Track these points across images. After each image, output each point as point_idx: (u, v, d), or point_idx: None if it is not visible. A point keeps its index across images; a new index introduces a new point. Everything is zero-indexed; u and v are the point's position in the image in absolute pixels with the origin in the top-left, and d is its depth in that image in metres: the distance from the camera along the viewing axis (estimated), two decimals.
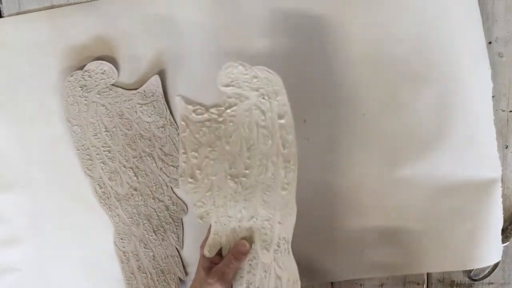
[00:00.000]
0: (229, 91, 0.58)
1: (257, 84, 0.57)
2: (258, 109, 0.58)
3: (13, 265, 0.73)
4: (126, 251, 0.71)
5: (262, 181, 0.59)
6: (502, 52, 0.67)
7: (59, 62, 0.68)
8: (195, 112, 0.59)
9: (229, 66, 0.57)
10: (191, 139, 0.59)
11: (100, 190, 0.69)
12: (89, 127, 0.68)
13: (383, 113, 0.67)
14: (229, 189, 0.59)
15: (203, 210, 0.60)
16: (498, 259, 0.70)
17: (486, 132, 0.67)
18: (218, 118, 0.59)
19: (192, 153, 0.59)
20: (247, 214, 0.60)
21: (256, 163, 0.59)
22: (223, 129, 0.59)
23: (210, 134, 0.59)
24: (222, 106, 0.59)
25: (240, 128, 0.58)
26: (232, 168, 0.59)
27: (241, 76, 0.57)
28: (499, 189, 0.68)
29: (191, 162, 0.60)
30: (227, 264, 0.59)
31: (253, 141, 0.58)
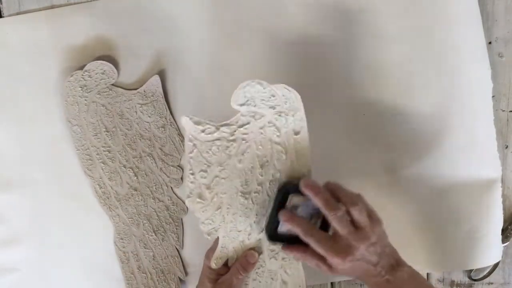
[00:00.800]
0: (244, 110, 0.56)
1: (274, 102, 0.56)
2: (273, 126, 0.57)
3: (13, 265, 0.72)
4: (126, 251, 0.71)
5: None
6: (502, 52, 0.67)
7: (59, 62, 0.68)
8: (204, 132, 0.56)
9: (247, 85, 0.55)
10: (199, 159, 0.56)
11: (100, 190, 0.69)
12: (89, 127, 0.68)
13: (383, 113, 0.67)
14: (240, 205, 0.57)
15: (211, 227, 0.58)
16: (498, 259, 0.70)
17: (486, 132, 0.67)
18: (230, 137, 0.56)
19: (201, 173, 0.56)
20: (258, 227, 0.59)
21: (269, 178, 0.57)
22: (234, 147, 0.56)
23: (220, 153, 0.56)
24: (234, 124, 0.56)
25: (253, 146, 0.56)
26: (244, 185, 0.57)
27: (257, 95, 0.56)
28: (499, 189, 0.68)
29: (199, 182, 0.57)
30: (235, 274, 0.58)
31: (267, 158, 0.57)
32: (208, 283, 0.59)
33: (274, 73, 0.67)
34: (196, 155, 0.56)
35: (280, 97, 0.56)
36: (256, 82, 0.56)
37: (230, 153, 0.56)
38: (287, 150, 0.57)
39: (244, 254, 0.58)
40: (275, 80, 0.66)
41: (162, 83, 0.68)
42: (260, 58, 0.67)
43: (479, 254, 0.69)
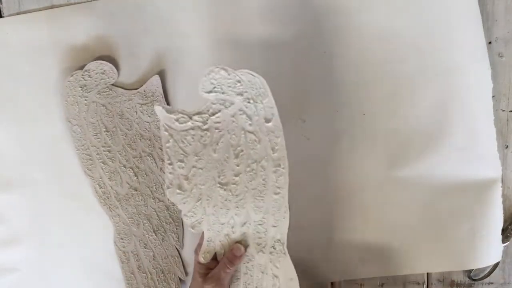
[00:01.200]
0: (213, 97, 0.56)
1: (241, 88, 0.56)
2: (244, 114, 0.56)
3: (13, 265, 0.73)
4: (126, 251, 0.71)
5: (253, 186, 0.58)
6: (502, 52, 0.67)
7: (59, 62, 0.68)
8: (178, 121, 0.56)
9: (211, 71, 0.55)
10: (175, 149, 0.57)
11: (100, 190, 0.69)
12: (89, 127, 0.68)
13: (383, 113, 0.67)
14: (219, 197, 0.58)
15: (194, 220, 0.59)
16: (498, 259, 0.70)
17: (486, 132, 0.67)
18: (203, 126, 0.57)
19: (178, 163, 0.57)
20: (240, 220, 0.59)
21: (246, 169, 0.57)
22: (208, 137, 0.57)
23: (195, 142, 0.57)
24: (206, 113, 0.56)
25: (227, 135, 0.57)
26: (221, 176, 0.58)
27: (224, 81, 0.55)
28: (499, 189, 0.68)
29: (177, 172, 0.58)
30: (222, 268, 0.59)
31: (241, 147, 0.57)
32: (198, 278, 0.60)
33: (274, 73, 0.67)
34: (173, 145, 0.57)
35: (246, 83, 0.55)
36: (221, 67, 0.55)
37: (205, 143, 0.57)
38: (261, 140, 0.57)
39: (231, 248, 0.59)
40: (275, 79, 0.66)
41: (162, 83, 0.68)
42: (260, 58, 0.67)
43: (479, 254, 0.69)
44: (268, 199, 0.58)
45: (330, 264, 0.70)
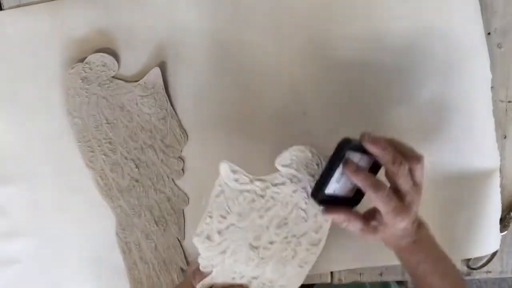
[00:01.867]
0: (284, 171, 0.55)
1: (316, 171, 0.55)
2: (305, 192, 0.56)
3: (14, 257, 0.73)
4: (128, 242, 0.72)
5: (282, 256, 0.57)
6: (501, 43, 0.68)
7: (60, 54, 0.68)
8: (237, 181, 0.54)
9: (297, 150, 0.54)
10: (222, 205, 0.54)
11: (102, 181, 0.70)
12: (90, 119, 0.68)
13: (382, 105, 0.67)
14: (244, 255, 0.56)
15: (209, 263, 0.56)
16: (496, 248, 0.70)
17: (485, 123, 0.67)
18: (260, 192, 0.55)
19: (219, 218, 0.54)
20: (253, 274, 0.58)
21: (282, 239, 0.56)
22: (261, 203, 0.55)
23: (245, 204, 0.54)
24: (269, 181, 0.55)
25: (279, 205, 0.55)
26: (256, 239, 0.56)
27: (303, 161, 0.55)
28: (498, 179, 0.68)
29: (214, 225, 0.55)
30: None
31: (287, 220, 0.56)
32: None
33: (274, 63, 0.67)
34: (221, 200, 0.54)
35: (322, 166, 0.55)
36: (308, 149, 0.55)
37: (254, 207, 0.55)
38: (308, 218, 0.57)
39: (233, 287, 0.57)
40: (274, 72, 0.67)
41: (163, 75, 0.68)
42: (261, 50, 0.67)
43: (477, 243, 0.69)
44: (290, 268, 0.58)
45: (330, 254, 0.70)
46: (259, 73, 0.67)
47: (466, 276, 0.73)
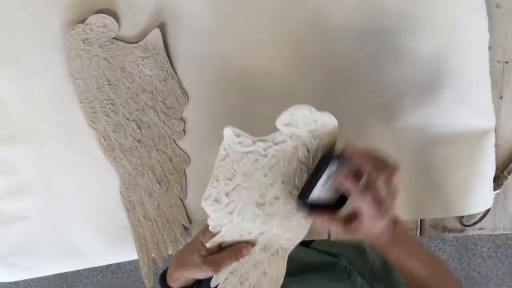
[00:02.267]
0: (285, 130, 0.56)
1: (315, 127, 0.57)
2: (305, 147, 0.58)
3: (22, 214, 0.75)
4: (132, 201, 0.73)
5: (287, 210, 0.59)
6: (500, 3, 0.67)
7: (60, 16, 0.68)
8: (240, 144, 0.56)
9: (295, 109, 0.55)
10: (227, 168, 0.56)
11: (105, 142, 0.71)
12: (92, 80, 0.69)
13: (380, 65, 0.68)
14: (251, 213, 0.59)
15: (217, 224, 0.59)
16: (489, 206, 0.72)
17: (482, 83, 0.68)
18: (263, 152, 0.56)
19: (225, 180, 0.57)
20: (260, 230, 0.60)
21: (286, 194, 0.59)
22: (264, 162, 0.57)
23: (249, 165, 0.57)
24: (270, 141, 0.56)
25: (281, 163, 0.57)
26: (261, 197, 0.58)
27: (302, 118, 0.56)
28: (493, 138, 0.70)
29: (220, 188, 0.57)
30: (225, 259, 0.60)
31: (290, 175, 0.58)
32: (197, 257, 0.61)
33: (274, 28, 0.67)
34: (226, 164, 0.56)
35: (320, 123, 0.57)
36: (307, 107, 0.56)
37: (258, 166, 0.57)
38: (309, 170, 0.58)
39: (241, 245, 0.60)
40: (273, 34, 0.67)
41: (163, 37, 0.68)
42: (261, 12, 0.67)
43: (471, 200, 0.71)
44: (295, 221, 0.60)
45: None
46: (260, 33, 0.68)
47: (459, 232, 0.75)
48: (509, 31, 0.68)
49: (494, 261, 1.66)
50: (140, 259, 0.75)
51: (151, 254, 0.75)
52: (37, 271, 0.79)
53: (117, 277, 1.74)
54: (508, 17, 0.68)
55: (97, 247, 0.76)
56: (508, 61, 0.69)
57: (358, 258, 0.83)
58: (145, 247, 0.75)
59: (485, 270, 1.66)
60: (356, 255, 0.83)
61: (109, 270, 1.75)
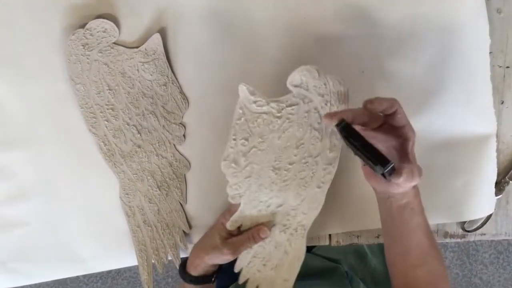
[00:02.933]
0: (296, 91, 0.59)
1: (324, 90, 0.59)
2: (317, 113, 0.60)
3: (21, 219, 0.75)
4: (132, 206, 0.73)
5: (302, 176, 0.62)
6: (501, 8, 0.67)
7: (61, 20, 0.68)
8: (255, 103, 0.59)
9: (305, 69, 0.58)
10: (244, 127, 0.60)
11: (105, 147, 0.71)
12: (92, 85, 0.69)
13: (381, 70, 0.67)
14: (268, 178, 0.62)
15: (236, 192, 0.63)
16: (491, 211, 0.72)
17: (483, 88, 0.68)
18: (277, 113, 0.60)
19: (242, 140, 0.61)
20: (278, 202, 0.63)
21: (301, 160, 0.61)
22: (278, 124, 0.60)
23: (264, 126, 0.60)
24: (284, 103, 0.59)
25: (295, 126, 0.60)
26: (277, 161, 0.61)
27: (312, 80, 0.58)
28: (494, 143, 0.69)
29: (238, 148, 0.61)
30: (244, 242, 0.63)
31: (303, 140, 0.61)
32: (218, 239, 0.64)
33: (275, 30, 0.67)
34: (242, 123, 0.60)
35: (330, 87, 0.58)
36: (315, 68, 0.58)
37: (272, 129, 0.60)
38: (323, 139, 0.60)
39: (258, 228, 0.63)
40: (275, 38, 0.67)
41: (163, 41, 0.68)
42: (261, 17, 0.67)
43: (473, 206, 0.71)
44: (310, 190, 0.62)
45: (328, 217, 0.72)
46: (261, 39, 0.67)
47: (461, 238, 0.75)
48: (510, 36, 0.68)
49: (496, 267, 1.65)
50: (140, 264, 0.75)
51: (151, 260, 0.75)
52: (37, 277, 0.78)
53: (117, 283, 1.74)
54: (509, 22, 0.68)
55: (97, 252, 0.76)
56: (509, 66, 0.69)
57: (359, 263, 0.83)
58: (145, 252, 0.74)
59: (487, 276, 1.66)
60: (358, 261, 0.83)
61: (109, 276, 1.74)
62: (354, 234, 0.75)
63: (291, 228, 0.64)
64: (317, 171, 0.62)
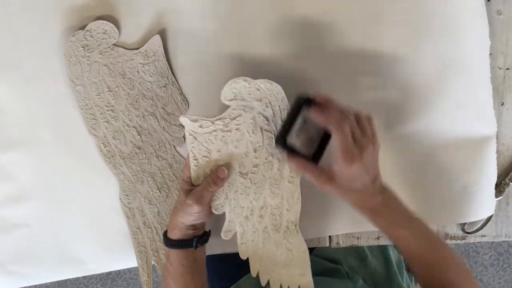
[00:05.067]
0: (234, 104, 0.62)
1: (260, 95, 0.62)
2: (262, 116, 0.62)
3: (21, 221, 0.75)
4: (132, 207, 0.73)
5: (270, 176, 0.65)
6: (501, 10, 0.67)
7: (61, 22, 0.68)
8: (201, 127, 0.63)
9: (233, 82, 0.61)
10: (200, 148, 0.64)
11: (105, 148, 0.71)
12: (92, 87, 0.69)
13: (380, 72, 0.67)
14: (239, 184, 0.65)
15: (217, 203, 0.66)
16: (491, 213, 0.72)
17: (483, 90, 0.68)
18: (225, 128, 0.63)
19: (203, 158, 0.64)
20: (258, 204, 0.66)
21: (263, 161, 0.64)
22: (229, 136, 0.63)
23: (217, 141, 0.63)
24: (227, 117, 0.62)
25: (246, 133, 0.63)
26: (241, 166, 0.65)
27: (244, 90, 0.62)
28: (494, 145, 0.69)
29: (202, 165, 0.64)
30: (205, 187, 0.64)
31: (259, 143, 0.64)
32: (182, 194, 0.65)
33: (275, 31, 0.67)
34: (197, 145, 0.63)
35: (264, 90, 0.62)
36: (242, 79, 0.61)
37: (226, 141, 0.64)
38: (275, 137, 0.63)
39: (216, 169, 0.64)
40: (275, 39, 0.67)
41: (163, 43, 0.68)
42: (261, 19, 0.67)
43: (473, 208, 0.71)
44: (283, 186, 0.65)
45: (328, 218, 0.72)
46: (260, 40, 0.67)
47: (461, 240, 0.74)
48: (510, 37, 0.68)
49: (496, 269, 1.65)
50: (140, 266, 0.74)
51: (151, 261, 0.75)
52: (37, 279, 0.78)
53: (117, 284, 1.74)
54: (509, 23, 0.68)
55: (97, 254, 0.76)
56: (509, 68, 0.69)
57: (360, 265, 0.83)
58: (145, 254, 0.74)
59: (487, 278, 1.66)
60: (358, 262, 0.83)
61: (108, 278, 1.74)
62: (354, 236, 0.75)
63: (283, 226, 0.67)
64: (283, 168, 0.65)
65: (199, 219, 0.65)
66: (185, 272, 0.66)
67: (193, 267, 0.67)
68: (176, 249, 0.66)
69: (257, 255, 0.68)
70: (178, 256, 0.66)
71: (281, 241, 0.67)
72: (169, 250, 0.67)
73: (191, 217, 0.64)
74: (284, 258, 0.68)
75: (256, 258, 0.68)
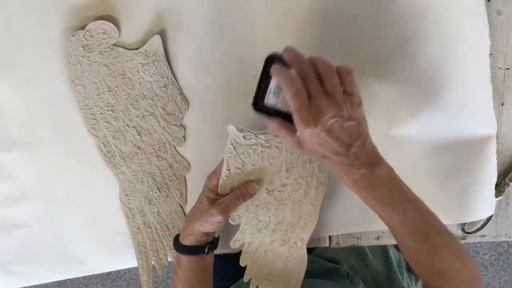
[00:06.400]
0: None
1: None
2: None
3: (21, 221, 0.75)
4: (132, 207, 0.73)
5: (295, 196, 0.66)
6: (501, 10, 0.67)
7: (61, 22, 0.68)
8: (244, 138, 0.63)
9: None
10: (236, 159, 0.64)
11: (105, 148, 0.71)
12: (92, 87, 0.69)
13: (382, 71, 0.67)
14: (263, 199, 0.66)
15: (235, 214, 0.66)
16: (491, 213, 0.72)
17: (483, 90, 0.68)
18: (265, 144, 0.63)
19: (235, 169, 0.64)
20: (276, 220, 0.67)
21: (292, 181, 0.66)
22: (268, 153, 0.64)
23: (254, 155, 0.64)
24: (271, 133, 0.63)
25: (283, 153, 0.64)
26: (270, 183, 0.65)
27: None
28: (494, 145, 0.69)
29: (232, 176, 0.64)
30: (233, 200, 0.63)
31: (293, 164, 0.65)
32: (205, 201, 0.64)
33: (274, 32, 0.67)
34: (234, 155, 0.64)
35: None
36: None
37: (263, 157, 0.64)
38: (312, 161, 0.65)
39: (247, 184, 0.64)
40: (274, 40, 0.67)
41: (163, 43, 0.68)
42: (261, 18, 0.67)
43: (473, 207, 0.71)
44: (304, 207, 0.66)
45: (328, 218, 0.72)
46: (260, 40, 0.67)
47: (461, 240, 0.74)
48: (510, 37, 0.68)
49: (496, 269, 1.65)
50: (140, 266, 0.75)
51: (151, 262, 0.75)
52: (37, 279, 0.78)
53: (117, 285, 1.74)
54: (509, 23, 0.68)
55: (97, 254, 0.76)
56: (509, 68, 0.69)
57: (360, 265, 0.83)
58: (145, 254, 0.74)
59: (487, 278, 1.66)
60: (359, 262, 0.83)
61: (108, 278, 1.74)
62: (354, 236, 0.75)
63: (291, 241, 0.68)
64: (309, 190, 0.66)
65: (217, 228, 0.66)
66: (194, 277, 0.68)
67: (202, 273, 0.68)
68: (188, 255, 0.66)
69: (256, 264, 0.69)
70: (189, 261, 0.67)
71: (284, 254, 0.68)
72: (179, 255, 0.67)
73: (210, 226, 0.64)
74: (282, 269, 0.69)
75: (255, 267, 0.69)
